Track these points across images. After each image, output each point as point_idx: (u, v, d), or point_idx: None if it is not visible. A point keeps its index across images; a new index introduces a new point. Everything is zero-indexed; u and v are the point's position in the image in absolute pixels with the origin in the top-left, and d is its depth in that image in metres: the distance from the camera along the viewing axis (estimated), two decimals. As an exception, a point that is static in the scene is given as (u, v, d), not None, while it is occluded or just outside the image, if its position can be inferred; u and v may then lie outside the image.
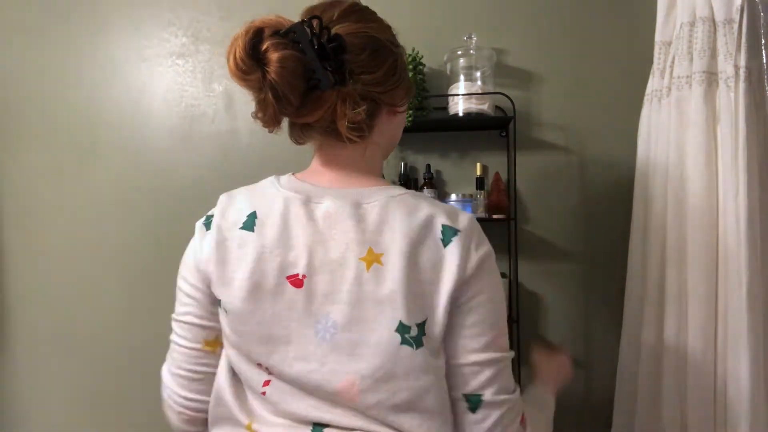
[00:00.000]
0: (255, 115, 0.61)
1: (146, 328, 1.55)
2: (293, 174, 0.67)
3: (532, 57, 1.45)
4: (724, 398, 1.07)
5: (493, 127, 1.44)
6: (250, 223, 0.61)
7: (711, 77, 1.15)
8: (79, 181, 1.60)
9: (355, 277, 0.56)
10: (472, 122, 1.38)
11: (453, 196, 1.38)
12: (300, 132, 0.66)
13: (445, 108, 1.39)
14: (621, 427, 1.27)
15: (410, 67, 1.35)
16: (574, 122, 1.44)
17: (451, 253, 0.58)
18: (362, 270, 0.57)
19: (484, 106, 1.33)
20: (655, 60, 1.27)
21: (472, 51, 1.37)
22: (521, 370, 1.42)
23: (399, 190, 0.63)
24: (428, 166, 1.43)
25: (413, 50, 1.39)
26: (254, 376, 0.60)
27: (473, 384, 0.59)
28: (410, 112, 1.31)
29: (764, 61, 1.16)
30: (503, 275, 1.35)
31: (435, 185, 1.41)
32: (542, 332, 1.43)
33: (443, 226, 0.59)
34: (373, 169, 0.68)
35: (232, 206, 0.64)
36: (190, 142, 1.57)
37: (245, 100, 1.52)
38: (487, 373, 0.58)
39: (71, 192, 1.60)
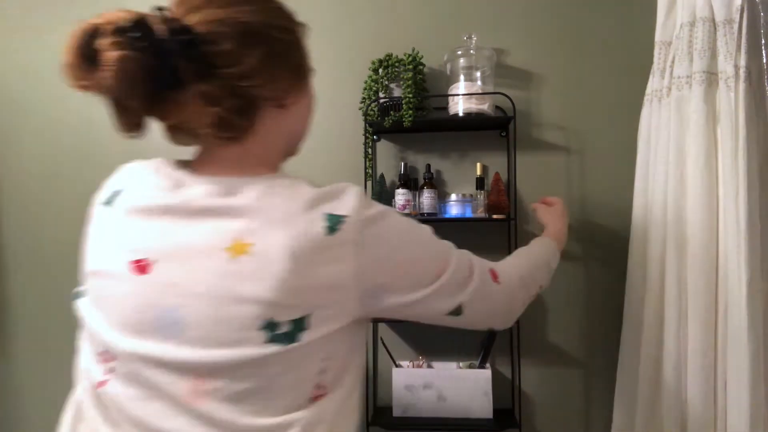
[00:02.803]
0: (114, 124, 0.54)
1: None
2: (187, 160, 0.61)
3: (532, 57, 1.45)
4: (724, 398, 1.07)
5: (493, 127, 1.44)
6: (110, 201, 0.57)
7: (711, 77, 1.15)
8: (79, 180, 1.60)
9: (217, 268, 0.50)
10: (472, 122, 1.38)
11: (453, 196, 1.38)
12: (170, 134, 0.59)
13: (445, 108, 1.39)
14: (621, 427, 1.27)
15: (410, 67, 1.35)
16: (574, 122, 1.44)
17: (341, 241, 0.52)
18: (226, 261, 0.50)
19: (484, 106, 1.33)
20: (655, 60, 1.27)
21: (472, 51, 1.37)
22: (521, 371, 1.42)
23: (282, 179, 0.56)
24: (428, 166, 1.43)
25: (413, 50, 1.39)
26: (95, 370, 0.57)
27: (444, 308, 0.62)
28: (410, 112, 1.31)
29: (764, 61, 1.16)
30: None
31: (435, 185, 1.41)
32: (542, 332, 1.43)
33: (326, 214, 0.52)
34: (264, 165, 0.60)
35: (111, 179, 0.61)
36: (190, 142, 1.57)
37: (245, 100, 1.51)
38: (450, 297, 0.61)
39: (71, 192, 1.60)
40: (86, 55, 0.49)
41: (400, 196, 1.38)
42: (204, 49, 0.51)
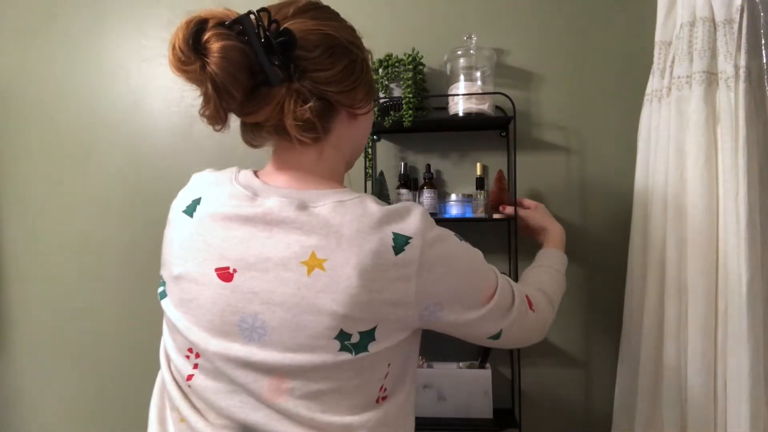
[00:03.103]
0: (201, 112, 0.58)
1: (147, 328, 1.55)
2: (255, 171, 0.66)
3: (532, 57, 1.45)
4: (724, 398, 1.07)
5: (493, 127, 1.44)
6: (192, 208, 0.61)
7: (711, 77, 1.15)
8: (79, 180, 1.60)
9: (294, 280, 0.54)
10: (472, 122, 1.38)
11: (453, 196, 1.38)
12: (251, 133, 0.64)
13: (445, 108, 1.39)
14: (621, 427, 1.27)
15: (410, 67, 1.35)
16: (574, 122, 1.44)
17: (406, 261, 0.56)
18: (302, 274, 0.54)
19: (484, 106, 1.33)
20: (655, 60, 1.27)
21: (472, 51, 1.37)
22: (521, 371, 1.42)
23: (350, 195, 0.60)
24: (428, 166, 1.43)
25: (413, 50, 1.39)
26: (182, 365, 0.61)
27: (489, 331, 0.66)
28: (410, 112, 1.31)
29: (764, 61, 1.16)
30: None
31: (435, 185, 1.41)
32: (542, 332, 1.43)
33: (394, 233, 0.56)
34: (332, 175, 0.66)
35: (187, 187, 0.66)
36: (190, 142, 1.57)
37: (245, 100, 1.51)
38: (492, 318, 0.65)
39: (71, 192, 1.60)
40: (193, 45, 0.53)
41: (400, 196, 1.38)
42: (298, 52, 0.56)
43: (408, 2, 1.49)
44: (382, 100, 1.37)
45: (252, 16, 0.54)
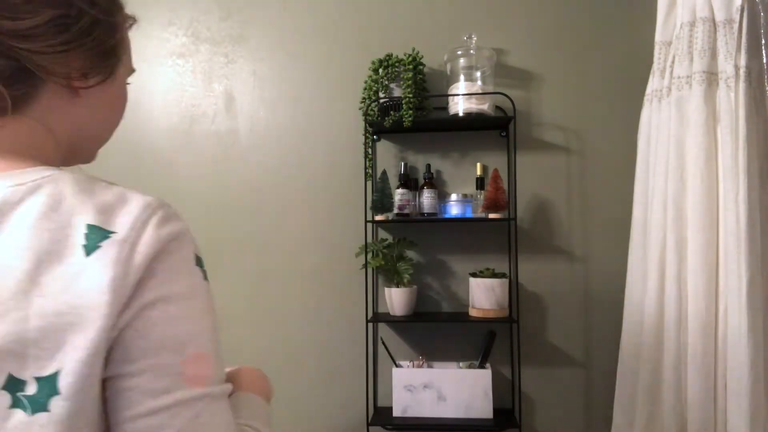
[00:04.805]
0: None
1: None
2: None
3: (532, 57, 1.45)
4: (724, 398, 1.07)
5: (493, 127, 1.44)
6: None
7: (711, 77, 1.15)
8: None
9: None
10: (472, 122, 1.38)
11: (453, 196, 1.38)
12: None
13: (445, 108, 1.39)
14: (621, 427, 1.27)
15: (410, 67, 1.35)
16: (574, 122, 1.44)
17: (97, 264, 0.38)
18: None
19: (484, 106, 1.33)
20: (655, 60, 1.27)
21: (472, 51, 1.37)
22: (521, 371, 1.42)
23: (40, 173, 0.42)
24: (428, 166, 1.43)
25: (413, 50, 1.39)
26: None
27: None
28: (410, 112, 1.31)
29: (764, 61, 1.16)
30: (503, 275, 1.35)
31: (435, 185, 1.41)
32: (542, 332, 1.43)
33: (89, 226, 0.39)
34: (27, 154, 0.46)
35: None
36: (190, 142, 1.57)
37: (245, 100, 1.52)
38: (177, 425, 0.38)
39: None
40: None
41: (400, 196, 1.38)
42: None
43: (408, 2, 1.49)
44: (382, 100, 1.37)
45: None
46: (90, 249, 0.39)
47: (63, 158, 0.52)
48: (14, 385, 0.36)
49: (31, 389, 0.36)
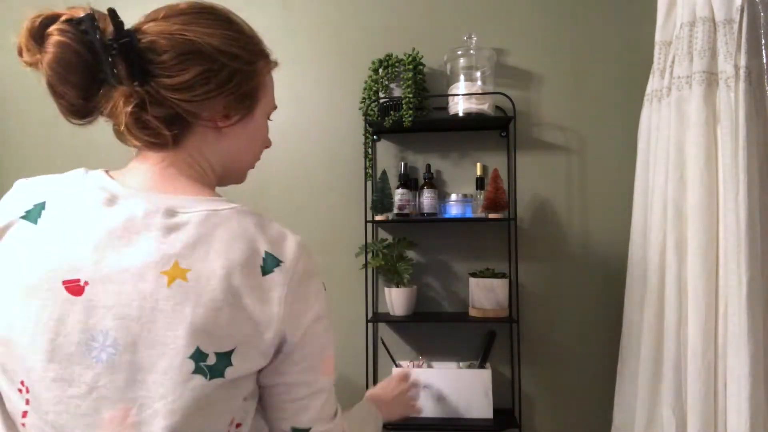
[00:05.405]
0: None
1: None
2: (107, 170, 0.58)
3: (532, 57, 1.45)
4: (724, 398, 1.07)
5: (493, 127, 1.44)
6: (34, 214, 0.53)
7: (711, 77, 1.15)
8: (79, 181, 1.60)
9: (151, 291, 0.48)
10: (472, 122, 1.38)
11: (453, 196, 1.38)
12: (117, 133, 0.59)
13: (445, 108, 1.39)
14: (621, 427, 1.27)
15: (410, 67, 1.35)
16: (574, 122, 1.44)
17: (272, 284, 0.52)
18: (161, 285, 0.49)
19: (484, 106, 1.33)
20: (655, 60, 1.27)
21: (472, 51, 1.37)
22: (521, 371, 1.42)
23: (225, 204, 0.55)
24: (428, 166, 1.43)
25: (413, 50, 1.39)
26: (15, 401, 0.50)
27: (303, 418, 0.57)
28: (410, 112, 1.31)
29: (764, 61, 1.16)
30: (503, 275, 1.35)
31: (435, 185, 1.41)
32: (542, 332, 1.43)
33: (266, 253, 0.53)
34: (201, 179, 0.60)
35: (22, 192, 0.57)
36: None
37: (245, 100, 1.51)
38: (316, 405, 0.57)
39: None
40: (35, 36, 0.52)
41: (400, 196, 1.38)
42: (145, 56, 0.53)
43: (408, 2, 1.49)
44: (382, 100, 1.37)
45: (104, 15, 0.53)
46: (266, 271, 0.52)
47: (219, 179, 0.65)
48: (199, 356, 0.48)
49: (211, 360, 0.49)
